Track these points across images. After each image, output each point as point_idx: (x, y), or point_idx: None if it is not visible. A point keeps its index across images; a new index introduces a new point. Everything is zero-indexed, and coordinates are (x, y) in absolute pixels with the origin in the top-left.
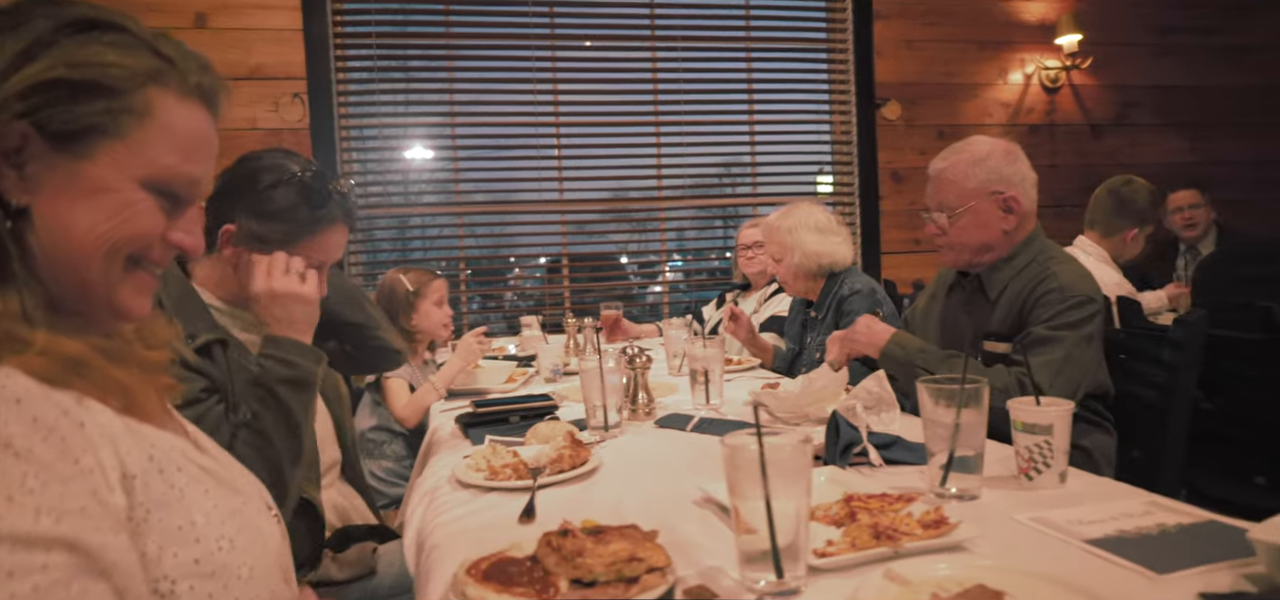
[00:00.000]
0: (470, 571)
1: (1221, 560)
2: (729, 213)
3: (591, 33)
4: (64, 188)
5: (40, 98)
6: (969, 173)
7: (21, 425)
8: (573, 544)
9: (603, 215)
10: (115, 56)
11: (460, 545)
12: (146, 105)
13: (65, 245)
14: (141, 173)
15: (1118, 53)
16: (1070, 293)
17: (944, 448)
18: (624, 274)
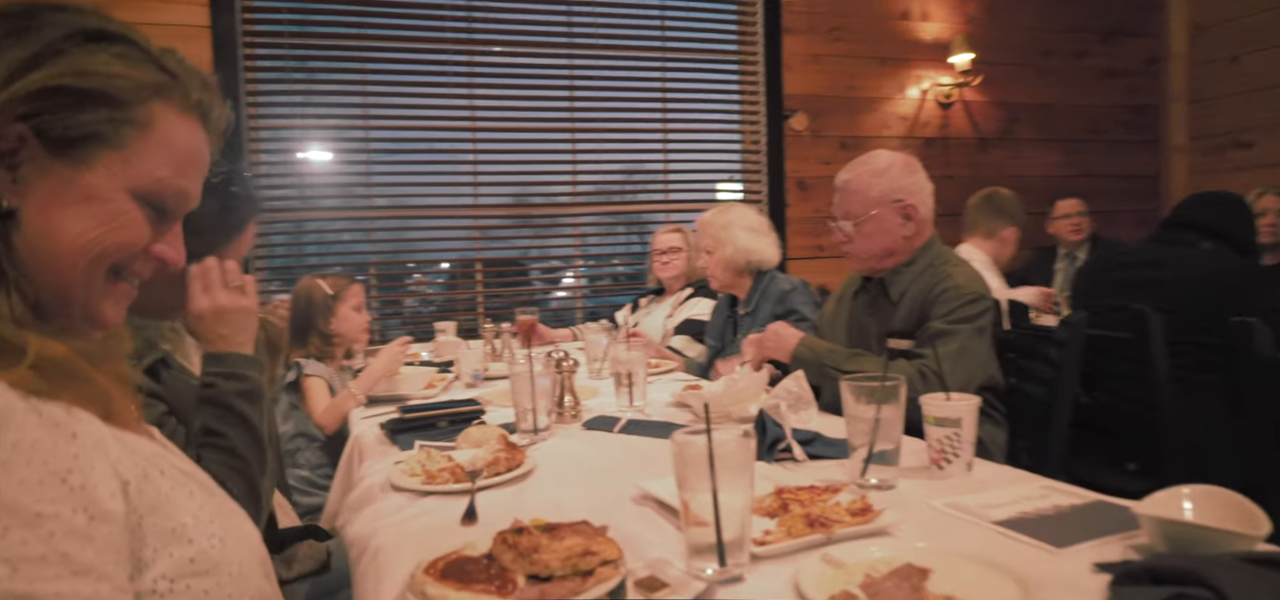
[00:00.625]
0: (428, 571)
1: (1111, 534)
2: (642, 219)
3: (509, 39)
4: (56, 193)
5: (44, 103)
6: (872, 183)
7: None
8: (528, 541)
9: (517, 220)
10: (122, 68)
11: (407, 548)
12: (149, 118)
13: (51, 250)
14: (135, 183)
15: (1004, 72)
16: (965, 291)
17: (865, 442)
18: (537, 279)
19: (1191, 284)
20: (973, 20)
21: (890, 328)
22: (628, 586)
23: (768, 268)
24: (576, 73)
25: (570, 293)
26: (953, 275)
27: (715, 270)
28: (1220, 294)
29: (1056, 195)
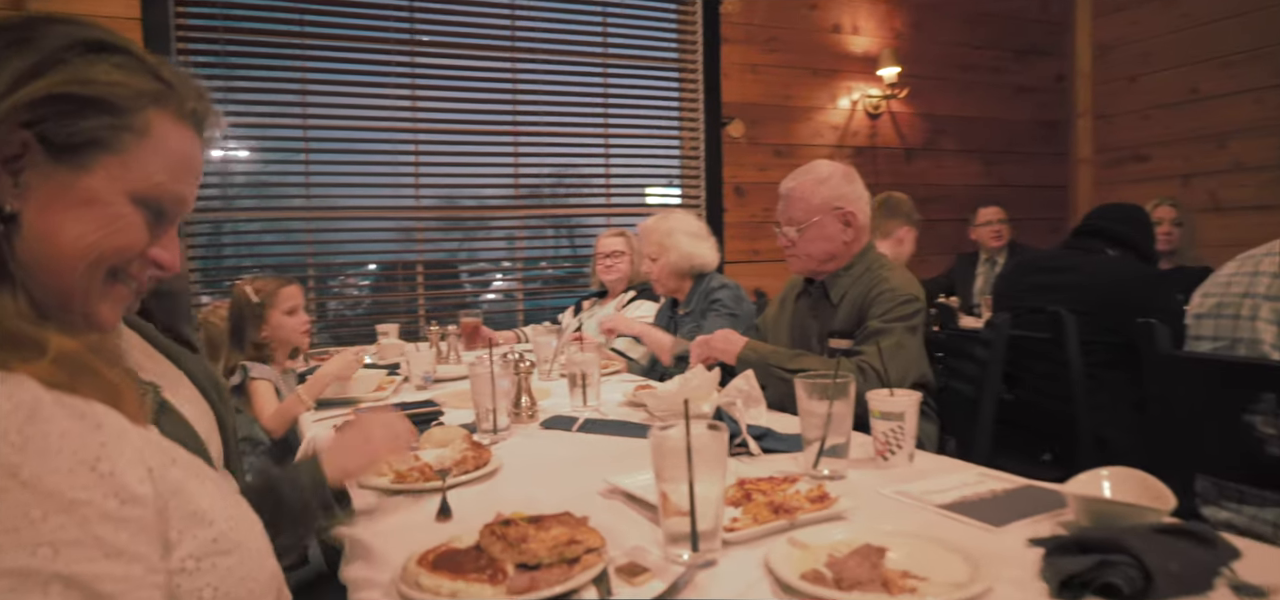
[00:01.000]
0: (421, 562)
1: (1042, 513)
2: (577, 223)
3: (452, 40)
4: (56, 197)
5: (47, 110)
6: (814, 191)
7: (32, 449)
8: (516, 531)
9: (458, 222)
10: (121, 76)
11: (389, 543)
12: (146, 125)
13: (52, 253)
14: (133, 187)
15: (929, 86)
16: (899, 293)
17: (818, 435)
18: (477, 281)
19: (1100, 288)
20: (899, 35)
21: (831, 328)
22: (610, 571)
23: (707, 271)
24: (519, 76)
25: (510, 295)
26: (889, 278)
27: (659, 275)
28: (1125, 297)
29: (976, 203)
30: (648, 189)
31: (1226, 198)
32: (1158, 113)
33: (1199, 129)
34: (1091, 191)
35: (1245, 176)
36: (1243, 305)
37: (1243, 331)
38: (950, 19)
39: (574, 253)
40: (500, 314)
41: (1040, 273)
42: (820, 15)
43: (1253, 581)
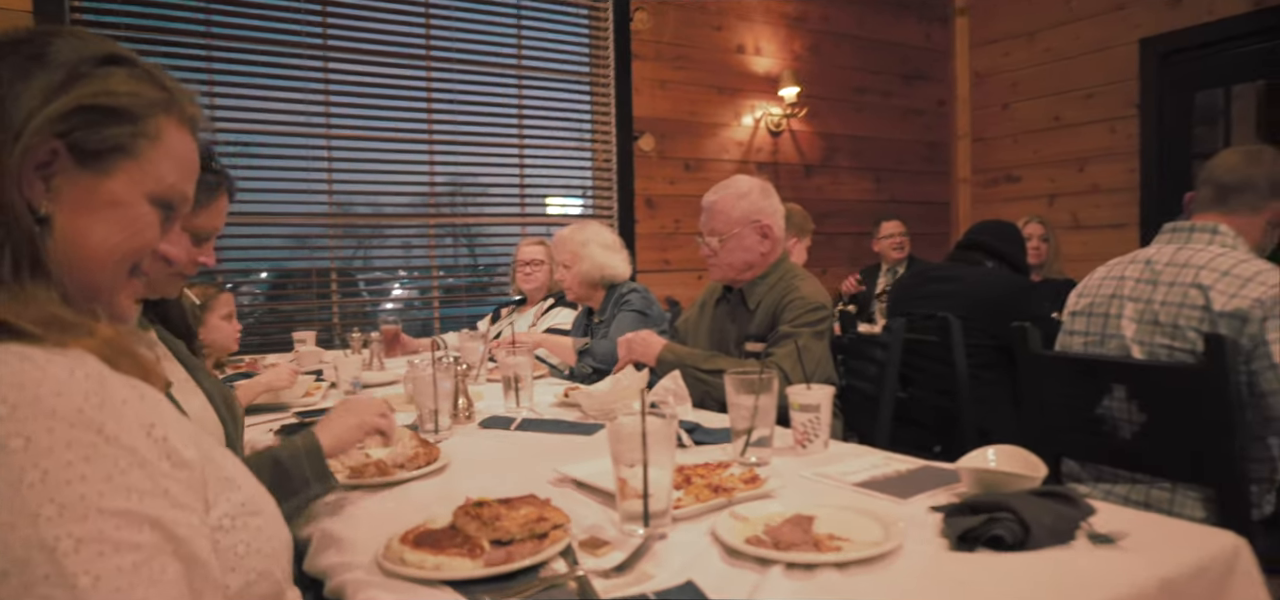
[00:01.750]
0: (403, 541)
1: (940, 487)
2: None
3: (366, 47)
4: (84, 201)
5: (77, 120)
6: (735, 205)
7: (109, 410)
8: (490, 511)
9: (374, 229)
10: (135, 86)
11: (358, 532)
12: (158, 130)
13: (82, 252)
14: (150, 189)
15: (826, 106)
16: (809, 301)
17: (746, 426)
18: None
19: (980, 297)
20: (799, 58)
21: (747, 332)
22: (574, 547)
23: (620, 281)
24: (434, 85)
25: (425, 302)
26: (800, 287)
27: (572, 284)
28: (1001, 305)
29: (869, 218)
30: (561, 199)
31: (1086, 217)
32: (1026, 137)
33: (1062, 154)
34: (970, 208)
35: (1102, 197)
36: (1110, 305)
37: (1111, 328)
38: (845, 45)
39: (490, 261)
40: (416, 321)
41: (929, 282)
42: (725, 36)
43: (1103, 531)
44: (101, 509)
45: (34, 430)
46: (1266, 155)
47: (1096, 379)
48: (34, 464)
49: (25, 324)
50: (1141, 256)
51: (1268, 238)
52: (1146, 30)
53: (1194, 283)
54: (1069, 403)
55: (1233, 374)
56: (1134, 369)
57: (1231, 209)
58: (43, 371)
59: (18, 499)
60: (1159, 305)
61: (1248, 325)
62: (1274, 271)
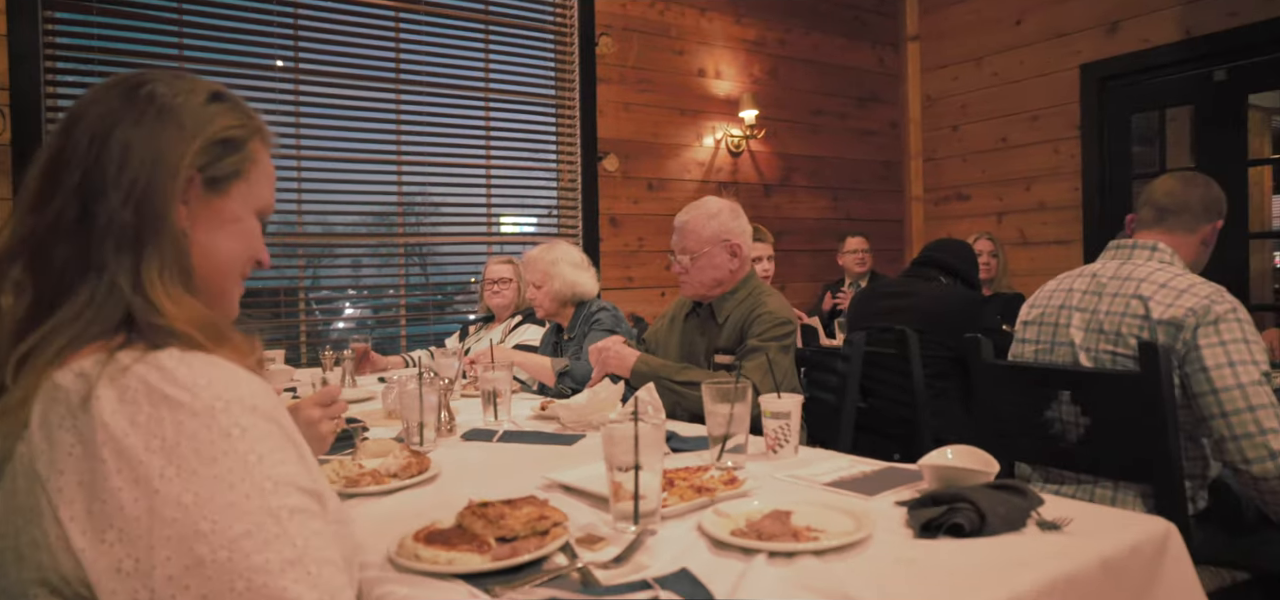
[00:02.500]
0: (416, 539)
1: (903, 485)
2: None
3: (337, 69)
4: (211, 220)
5: (209, 154)
6: (705, 224)
7: (279, 404)
8: (494, 511)
9: (343, 248)
10: (239, 119)
11: (366, 535)
12: (256, 154)
13: (214, 263)
14: (255, 205)
15: (784, 127)
16: (775, 317)
17: (722, 432)
18: (360, 306)
19: (935, 310)
20: (757, 81)
21: (716, 345)
22: (572, 541)
23: (589, 298)
24: (404, 107)
25: (393, 321)
26: (767, 303)
27: (543, 301)
28: (955, 318)
29: (826, 235)
30: (528, 218)
31: (1032, 234)
32: (975, 157)
33: (1009, 173)
34: (923, 226)
35: (1047, 215)
36: (1059, 315)
37: (1060, 336)
38: (802, 69)
39: (460, 279)
40: (382, 340)
41: (887, 298)
42: (686, 60)
43: (1050, 519)
44: (299, 485)
45: (247, 421)
46: (1200, 180)
47: (1043, 386)
48: (252, 448)
49: (191, 332)
50: (1089, 270)
51: (1202, 255)
52: (1086, 57)
53: (1135, 294)
54: (1019, 409)
55: (1166, 379)
56: (1077, 376)
57: (1169, 229)
58: (233, 374)
59: (249, 476)
60: (1104, 315)
61: (1181, 332)
62: (1206, 285)
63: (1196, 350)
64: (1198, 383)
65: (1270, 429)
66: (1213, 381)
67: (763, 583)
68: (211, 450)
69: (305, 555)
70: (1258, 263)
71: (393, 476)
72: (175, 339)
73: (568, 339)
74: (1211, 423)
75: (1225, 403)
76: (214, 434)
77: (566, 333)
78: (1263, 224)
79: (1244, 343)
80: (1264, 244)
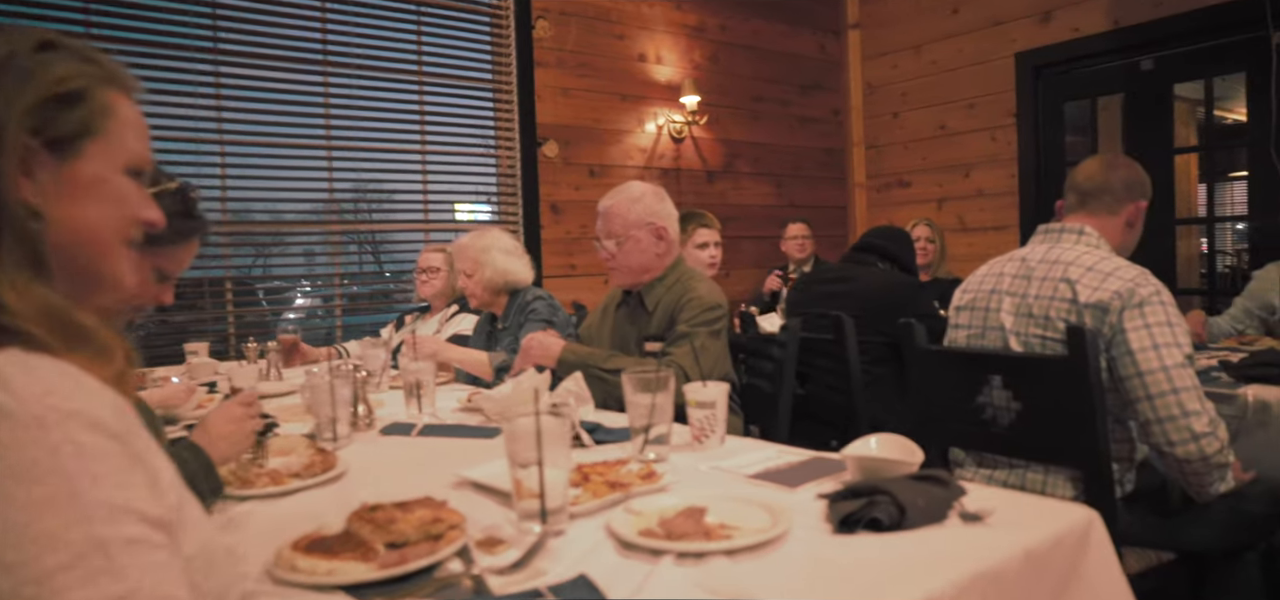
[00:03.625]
0: (294, 548)
1: (828, 476)
2: (402, 237)
3: (259, 50)
4: (68, 189)
5: (42, 115)
6: (630, 208)
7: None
8: (384, 514)
9: (272, 237)
10: (80, 67)
11: (252, 543)
12: (110, 104)
13: (81, 236)
14: (123, 161)
15: (726, 114)
16: (705, 301)
17: (644, 424)
18: (291, 296)
19: (872, 296)
20: (699, 67)
21: (646, 333)
22: (470, 546)
23: (522, 287)
24: (332, 90)
25: (327, 311)
26: (695, 288)
27: (475, 290)
28: (891, 304)
29: (770, 222)
30: (465, 205)
31: (971, 220)
32: (916, 145)
33: (948, 160)
34: (867, 212)
35: (985, 201)
36: (991, 299)
37: (991, 321)
38: (743, 55)
39: (397, 268)
40: (318, 330)
41: (824, 284)
42: (627, 45)
43: (973, 510)
44: (143, 514)
45: (86, 439)
46: (1121, 162)
47: (974, 371)
48: (86, 469)
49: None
50: (1018, 255)
51: (1128, 236)
52: (1021, 45)
53: (1063, 277)
54: (951, 394)
55: (1093, 363)
56: (1007, 360)
57: (1093, 211)
58: (78, 383)
59: (78, 502)
60: (1033, 299)
61: (1107, 315)
62: (1131, 268)
63: (1122, 334)
64: (1123, 366)
65: (1193, 411)
66: (1138, 365)
67: (668, 587)
68: (35, 470)
69: (138, 592)
70: (1185, 248)
71: (294, 476)
72: (17, 338)
73: (502, 329)
74: (1137, 406)
75: (1150, 386)
76: (41, 451)
77: (500, 322)
78: (1190, 211)
79: (1168, 326)
80: (1191, 230)
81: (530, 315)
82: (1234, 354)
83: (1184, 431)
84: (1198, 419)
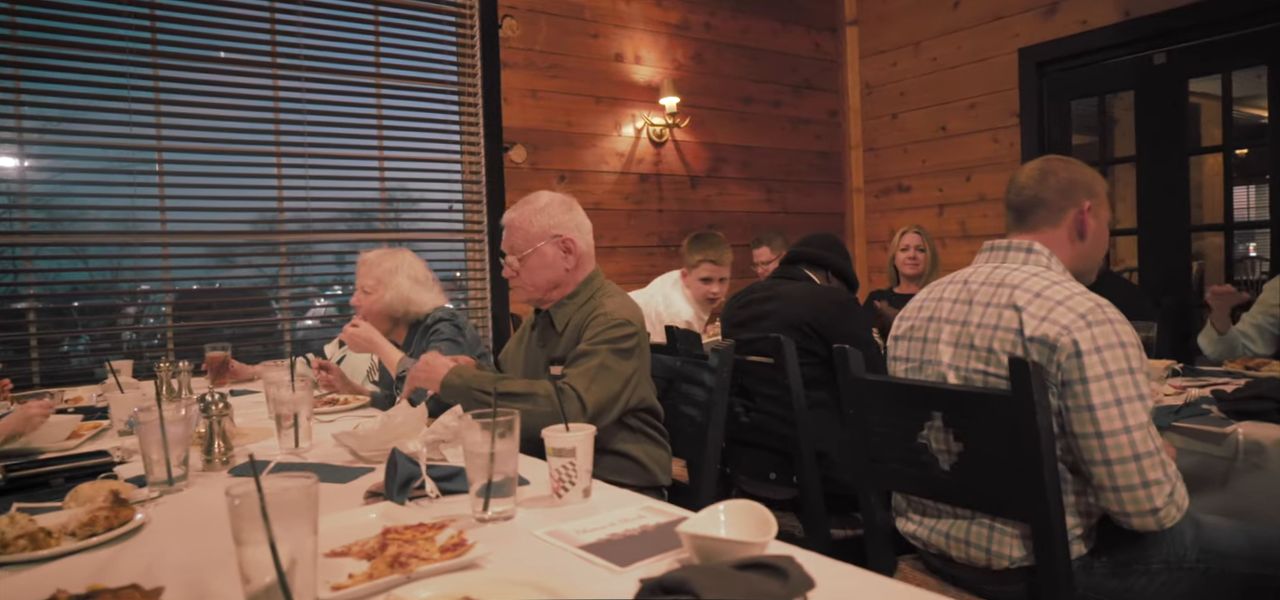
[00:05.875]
0: None
1: (670, 551)
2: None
3: (202, 52)
4: None
5: None
6: (532, 219)
7: None
8: None
9: (215, 250)
10: None
11: None
12: None
13: None
14: None
15: (710, 116)
16: (611, 318)
17: (484, 477)
18: (240, 311)
19: (798, 312)
20: (681, 67)
21: (554, 355)
22: None
23: (423, 317)
24: (283, 95)
25: (277, 326)
26: (604, 304)
27: (369, 313)
28: (819, 320)
29: (759, 229)
30: (428, 213)
31: (974, 226)
32: (915, 147)
33: (949, 163)
34: (865, 219)
35: (987, 207)
36: (929, 328)
37: (928, 352)
38: (730, 54)
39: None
40: (270, 346)
41: (752, 304)
42: (602, 44)
43: None
44: None
45: None
46: (1055, 165)
47: (912, 406)
48: None
49: None
50: (960, 276)
51: (1080, 248)
52: (1024, 40)
53: (1009, 303)
54: (889, 431)
55: (1040, 401)
56: (946, 395)
57: (1033, 227)
58: None
59: None
60: (975, 327)
61: (1056, 352)
62: (1084, 298)
63: (1082, 384)
64: (1080, 422)
65: (1155, 481)
66: (1098, 424)
67: None
68: None
69: None
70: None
71: (71, 535)
72: None
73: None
74: (1092, 468)
75: (1110, 450)
76: None
77: (403, 349)
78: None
79: (1129, 373)
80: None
81: (432, 337)
82: (1234, 381)
83: (1143, 504)
84: (1159, 490)
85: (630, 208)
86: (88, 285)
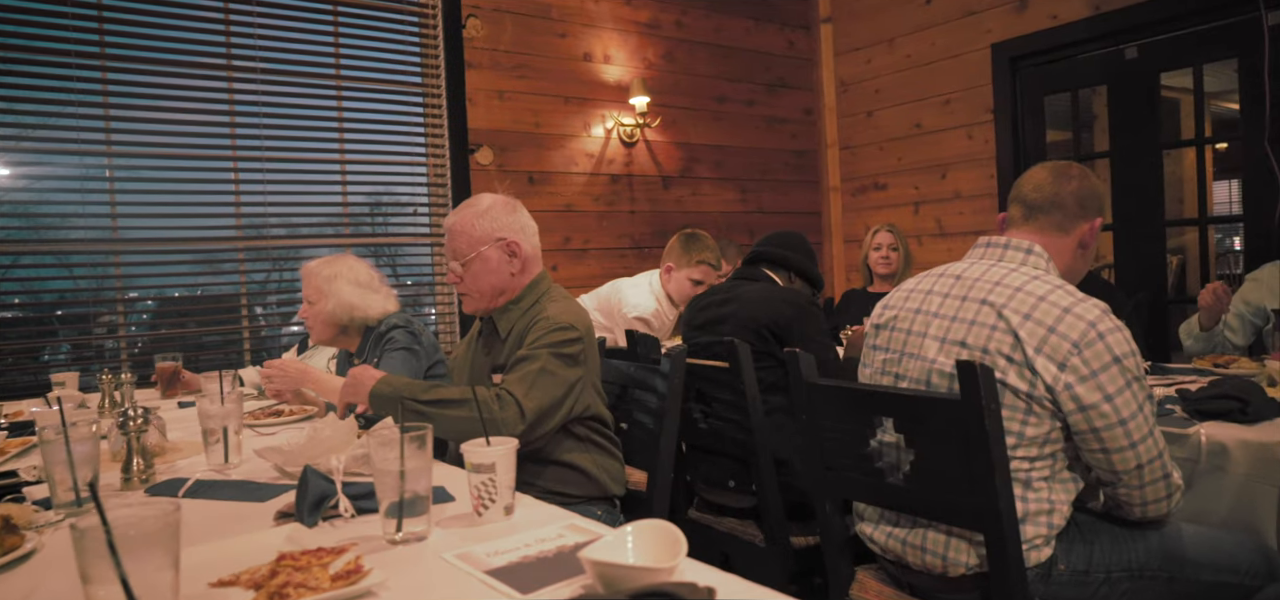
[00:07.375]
0: None
1: (574, 576)
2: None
3: (151, 54)
4: None
5: None
6: (475, 223)
7: None
8: None
9: (169, 255)
10: None
11: None
12: None
13: None
14: None
15: (682, 116)
16: (554, 322)
17: (392, 494)
18: (198, 319)
19: (754, 314)
20: (651, 66)
21: (497, 363)
22: None
23: (373, 323)
24: (238, 97)
25: (233, 334)
26: (547, 309)
27: (314, 323)
28: (775, 322)
29: (734, 229)
30: (392, 217)
31: (949, 224)
32: (891, 145)
33: (924, 161)
34: (842, 218)
35: (963, 204)
36: (914, 321)
37: (912, 346)
38: (702, 52)
39: None
40: (232, 355)
41: (711, 306)
42: (570, 43)
43: None
44: None
45: None
46: (1075, 172)
47: (863, 411)
48: None
49: None
50: (953, 271)
51: (1078, 261)
52: (997, 35)
53: (1007, 305)
54: (842, 437)
55: (988, 405)
56: (896, 400)
57: (1041, 228)
58: None
59: None
60: (968, 326)
61: (1066, 365)
62: (1090, 307)
63: (1109, 403)
64: (1114, 438)
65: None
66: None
67: None
68: None
69: None
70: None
71: None
72: None
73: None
74: (1122, 474)
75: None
76: None
77: (356, 359)
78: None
79: (1141, 378)
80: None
81: (387, 346)
82: (1200, 380)
83: (1161, 492)
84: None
85: (601, 209)
86: (35, 294)
